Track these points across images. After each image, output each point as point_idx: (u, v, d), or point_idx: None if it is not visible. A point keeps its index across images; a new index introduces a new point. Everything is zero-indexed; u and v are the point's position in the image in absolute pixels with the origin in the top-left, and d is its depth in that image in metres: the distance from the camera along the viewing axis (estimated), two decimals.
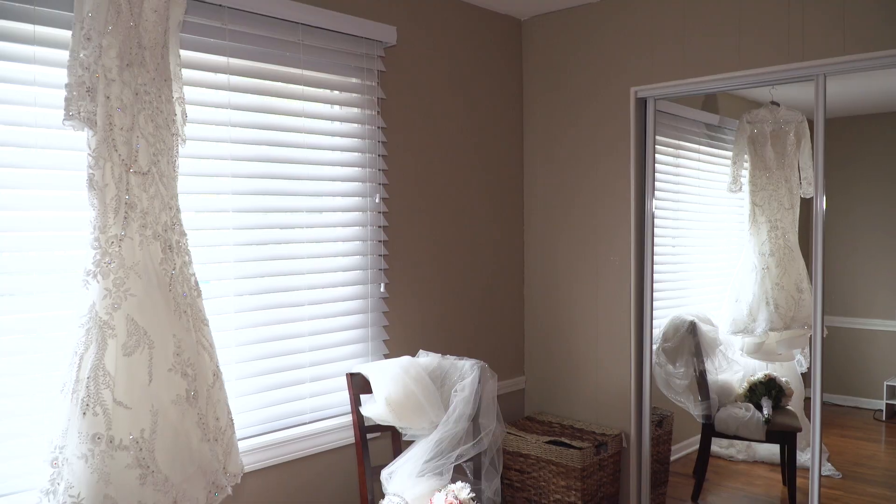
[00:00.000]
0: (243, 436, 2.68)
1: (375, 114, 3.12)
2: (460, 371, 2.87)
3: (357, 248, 3.10)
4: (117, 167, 1.92)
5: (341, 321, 3.04)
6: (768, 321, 3.43)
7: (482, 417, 2.83)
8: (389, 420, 2.76)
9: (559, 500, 3.32)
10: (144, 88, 1.98)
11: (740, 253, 3.55)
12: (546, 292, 3.85)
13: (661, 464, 3.64)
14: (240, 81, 2.67)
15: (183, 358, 2.01)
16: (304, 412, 2.91)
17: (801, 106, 3.39)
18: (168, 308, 1.99)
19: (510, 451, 3.48)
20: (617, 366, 3.58)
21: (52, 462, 1.87)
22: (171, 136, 2.07)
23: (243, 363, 2.72)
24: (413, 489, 2.62)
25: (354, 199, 3.08)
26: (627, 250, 3.51)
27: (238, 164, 2.67)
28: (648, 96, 3.46)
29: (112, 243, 1.91)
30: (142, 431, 1.91)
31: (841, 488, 3.61)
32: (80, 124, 1.89)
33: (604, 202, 3.60)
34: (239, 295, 2.70)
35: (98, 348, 1.87)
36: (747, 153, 3.52)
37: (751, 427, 3.52)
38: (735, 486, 3.83)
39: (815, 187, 3.01)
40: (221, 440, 2.14)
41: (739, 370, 3.66)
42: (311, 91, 2.90)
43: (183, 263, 2.08)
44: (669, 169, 3.64)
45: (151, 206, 1.99)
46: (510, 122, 3.84)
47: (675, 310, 3.69)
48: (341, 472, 2.99)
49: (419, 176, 3.35)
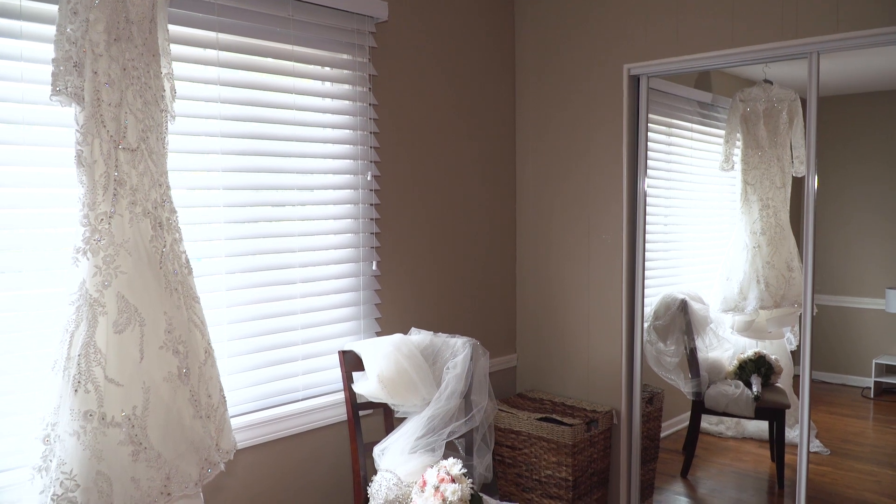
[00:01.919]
0: (236, 413, 2.69)
1: (367, 90, 3.10)
2: (452, 348, 2.88)
3: (349, 226, 3.09)
4: (106, 143, 1.90)
5: (333, 299, 3.04)
6: (759, 299, 3.45)
7: (474, 394, 2.84)
8: (382, 397, 2.77)
9: (550, 475, 3.35)
10: (132, 63, 1.96)
11: (732, 231, 3.56)
12: (538, 270, 3.85)
13: (651, 440, 3.68)
14: (229, 57, 2.64)
15: (174, 335, 2.00)
16: (297, 389, 2.92)
17: (794, 84, 3.38)
18: (159, 285, 1.99)
19: (502, 428, 3.51)
20: (608, 343, 3.60)
21: (44, 439, 1.87)
22: (159, 112, 2.05)
23: (235, 341, 2.72)
24: (405, 465, 2.64)
25: (346, 177, 3.07)
26: (619, 229, 3.52)
27: (228, 141, 2.65)
28: (641, 73, 3.45)
29: (101, 220, 1.89)
30: (134, 408, 1.91)
31: (829, 465, 3.65)
32: (68, 100, 1.87)
33: (596, 180, 3.59)
34: (230, 273, 2.69)
35: (89, 326, 1.86)
36: (740, 132, 3.52)
37: (740, 404, 3.55)
38: (724, 462, 3.87)
39: (808, 166, 3.01)
40: (214, 417, 2.14)
41: (730, 348, 3.68)
42: (301, 67, 2.87)
43: (173, 241, 2.07)
44: (662, 147, 3.64)
45: (141, 183, 1.97)
46: (503, 99, 3.82)
47: (666, 288, 3.71)
48: (334, 448, 3.01)
49: (411, 154, 3.34)
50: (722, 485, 3.79)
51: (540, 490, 3.41)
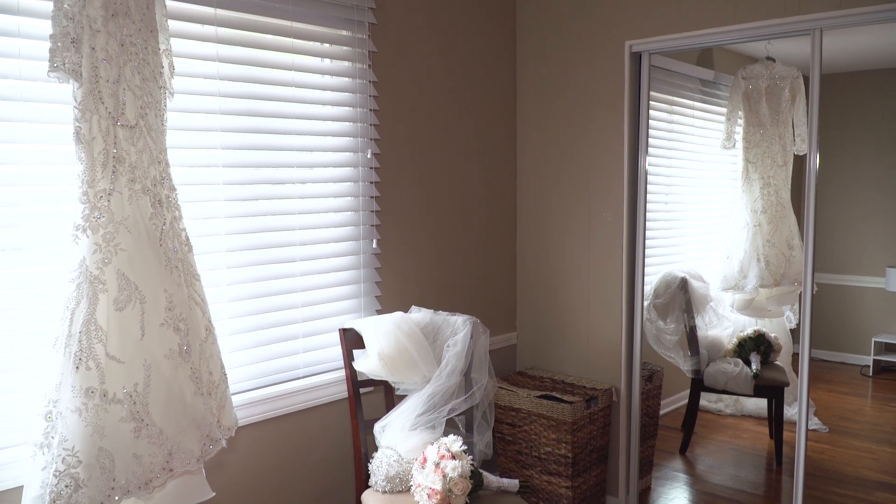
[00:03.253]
0: (237, 390, 2.71)
1: (367, 67, 3.07)
2: (452, 326, 2.88)
3: (349, 204, 3.08)
4: (104, 120, 1.89)
5: (334, 277, 3.04)
6: (759, 278, 3.45)
7: (474, 372, 2.85)
8: (382, 375, 2.78)
9: (550, 452, 3.37)
10: (130, 39, 1.94)
11: (732, 210, 3.55)
12: (538, 248, 3.85)
13: (650, 417, 3.70)
14: (227, 33, 2.62)
15: (175, 313, 2.01)
16: (298, 367, 2.93)
17: (796, 61, 3.36)
18: (159, 263, 1.98)
19: (502, 406, 3.52)
20: (608, 321, 3.60)
21: (45, 416, 1.88)
22: (158, 88, 2.03)
23: (236, 318, 2.72)
24: (406, 442, 2.65)
25: (346, 155, 3.06)
26: (620, 207, 3.51)
27: (227, 119, 2.64)
28: (643, 50, 3.42)
29: (101, 198, 1.89)
30: (135, 385, 1.91)
31: (827, 442, 3.68)
32: (66, 76, 1.86)
33: (597, 158, 3.58)
34: (230, 251, 2.69)
35: (89, 303, 1.86)
36: (741, 109, 3.50)
37: (739, 382, 3.56)
38: (722, 439, 3.90)
39: (809, 144, 3.00)
40: (215, 394, 2.15)
41: (729, 326, 3.69)
42: (300, 44, 2.85)
43: (173, 218, 2.06)
44: (663, 125, 3.62)
45: (140, 161, 1.96)
46: (504, 77, 3.80)
47: (666, 266, 3.71)
48: (335, 425, 3.02)
49: (412, 132, 3.32)
50: (720, 462, 3.82)
51: (539, 467, 3.43)
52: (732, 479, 3.71)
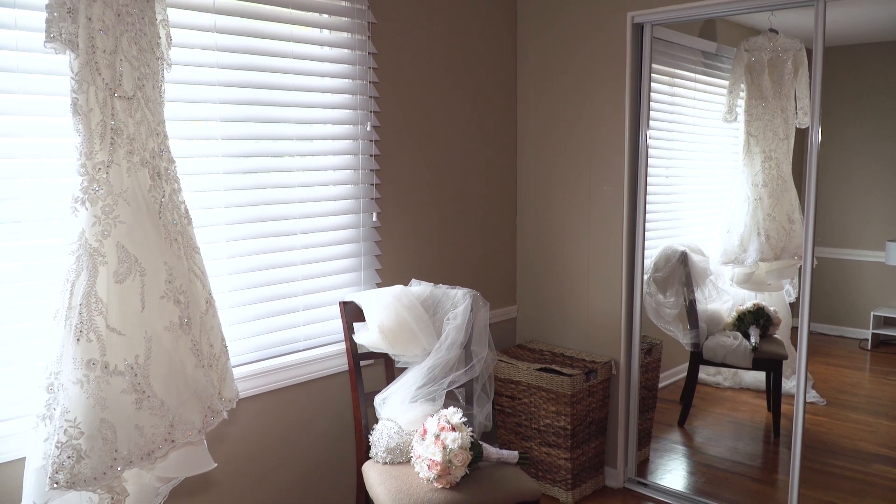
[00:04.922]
0: (238, 363, 2.72)
1: (366, 39, 3.05)
2: (452, 300, 2.89)
3: (349, 177, 3.07)
4: (101, 91, 1.87)
5: (334, 250, 3.04)
6: (759, 252, 3.45)
7: (474, 345, 2.86)
8: (382, 347, 2.79)
9: (549, 424, 3.40)
10: (126, 10, 1.92)
11: (733, 183, 3.54)
12: (539, 222, 3.85)
13: (649, 390, 3.72)
14: (225, 3, 2.59)
15: (175, 285, 2.01)
16: (298, 340, 2.94)
17: (800, 34, 3.32)
18: (158, 235, 1.98)
19: (501, 378, 3.54)
20: (608, 295, 3.61)
21: (47, 388, 1.89)
22: (155, 59, 2.01)
23: (236, 291, 2.73)
24: (406, 414, 2.67)
25: (345, 128, 3.04)
26: (621, 180, 3.50)
27: (225, 91, 2.62)
28: (645, 21, 3.38)
29: (99, 170, 1.88)
30: (136, 357, 1.92)
31: (825, 414, 3.70)
32: (62, 46, 1.84)
33: (598, 131, 3.56)
34: (230, 223, 2.68)
35: (89, 275, 1.86)
36: (744, 82, 3.47)
37: (738, 355, 3.58)
38: (721, 412, 3.93)
39: (812, 117, 2.98)
40: (216, 366, 2.15)
41: (729, 300, 3.70)
42: (298, 14, 2.82)
43: (172, 191, 2.05)
44: (665, 98, 3.60)
45: (138, 132, 1.95)
46: (504, 49, 3.76)
47: (666, 240, 3.70)
48: (335, 397, 3.04)
49: (412, 104, 3.30)
50: (718, 434, 3.85)
51: (539, 438, 3.45)
52: (730, 451, 3.74)
